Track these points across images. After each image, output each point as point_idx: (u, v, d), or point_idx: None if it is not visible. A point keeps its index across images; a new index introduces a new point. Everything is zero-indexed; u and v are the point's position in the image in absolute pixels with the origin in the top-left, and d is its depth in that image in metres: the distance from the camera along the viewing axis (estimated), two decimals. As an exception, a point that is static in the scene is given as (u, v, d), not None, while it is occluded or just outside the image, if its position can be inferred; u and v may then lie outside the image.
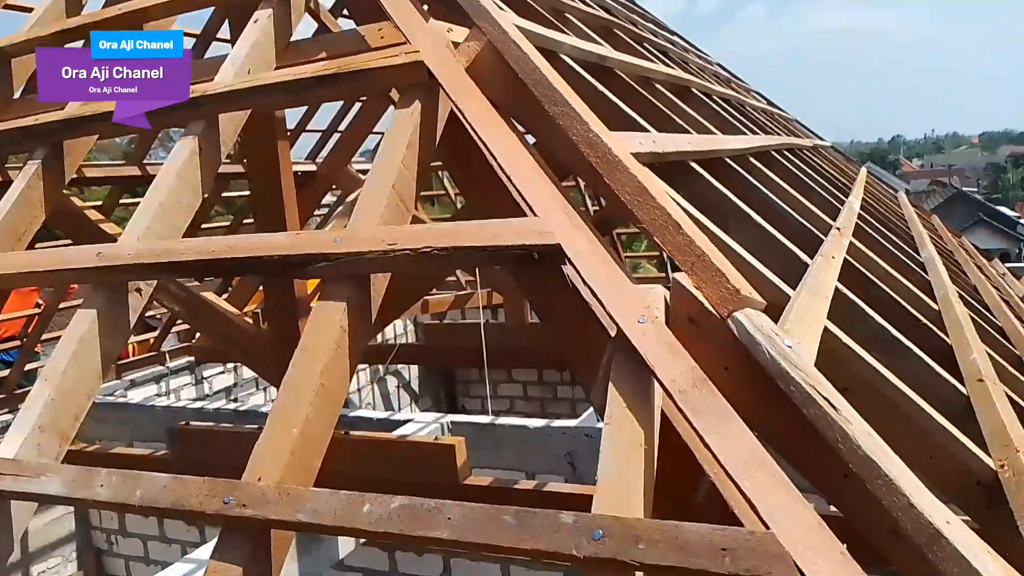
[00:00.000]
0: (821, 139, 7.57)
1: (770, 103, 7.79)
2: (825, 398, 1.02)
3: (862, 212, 3.70)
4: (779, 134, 4.78)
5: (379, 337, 8.87)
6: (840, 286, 1.96)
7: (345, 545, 4.77)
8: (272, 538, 1.20)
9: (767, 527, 0.90)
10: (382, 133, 3.82)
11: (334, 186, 7.12)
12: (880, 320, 1.97)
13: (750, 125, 4.06)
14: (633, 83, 2.71)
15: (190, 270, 1.51)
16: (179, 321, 7.67)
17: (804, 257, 1.97)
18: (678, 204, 1.57)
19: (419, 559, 5.73)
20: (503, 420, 5.38)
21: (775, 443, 1.14)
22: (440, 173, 8.24)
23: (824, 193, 3.50)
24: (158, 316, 8.26)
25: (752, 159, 2.98)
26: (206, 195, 1.80)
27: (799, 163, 3.93)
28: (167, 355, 7.55)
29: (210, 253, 1.48)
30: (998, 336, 3.28)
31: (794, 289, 1.60)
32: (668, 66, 3.77)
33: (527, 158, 1.40)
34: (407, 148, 1.51)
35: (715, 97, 4.04)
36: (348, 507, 1.08)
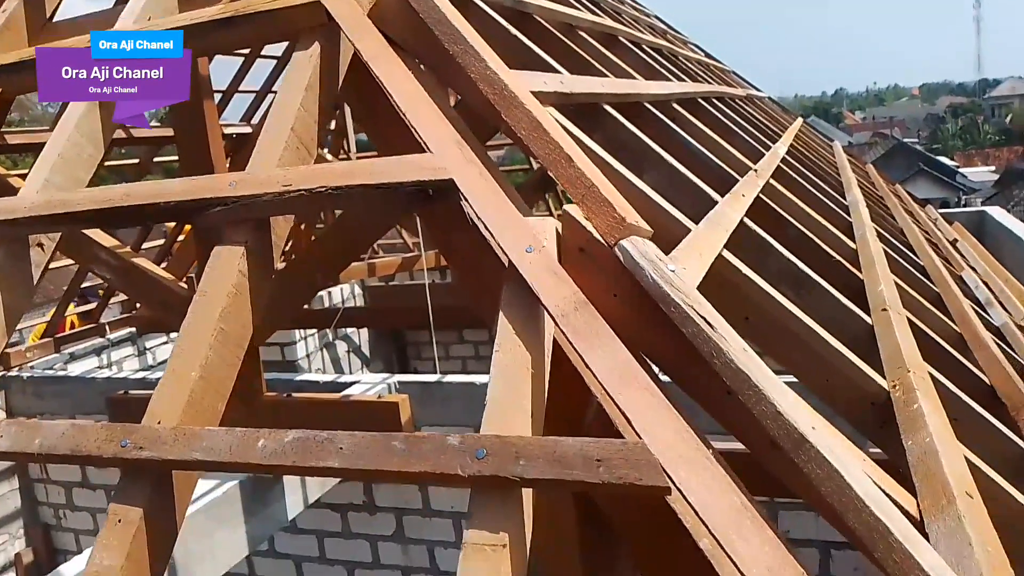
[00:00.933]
0: (758, 90, 7.65)
1: (708, 55, 7.84)
2: (702, 316, 1.05)
3: (787, 157, 3.77)
4: (710, 83, 4.82)
5: (326, 302, 8.82)
6: (750, 223, 2.00)
7: (294, 507, 4.79)
8: (174, 480, 1.20)
9: (640, 439, 0.93)
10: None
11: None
12: (790, 256, 2.02)
13: (678, 73, 4.08)
14: (554, 29, 2.70)
15: (88, 220, 1.49)
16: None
17: (715, 196, 2.00)
18: (586, 144, 1.59)
19: (372, 519, 5.79)
20: (450, 378, 5.42)
21: (663, 364, 1.18)
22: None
23: (749, 139, 3.55)
24: (98, 288, 8.10)
25: (676, 105, 3.00)
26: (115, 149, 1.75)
27: (727, 111, 3.97)
28: (107, 327, 7.42)
29: (107, 202, 1.45)
30: (918, 274, 3.39)
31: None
32: (596, 15, 3.75)
33: (422, 95, 1.40)
34: (307, 90, 1.50)
35: (644, 47, 4.05)
36: (243, 443, 1.09)
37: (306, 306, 8.52)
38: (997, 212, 8.87)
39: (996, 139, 47.22)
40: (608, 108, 2.11)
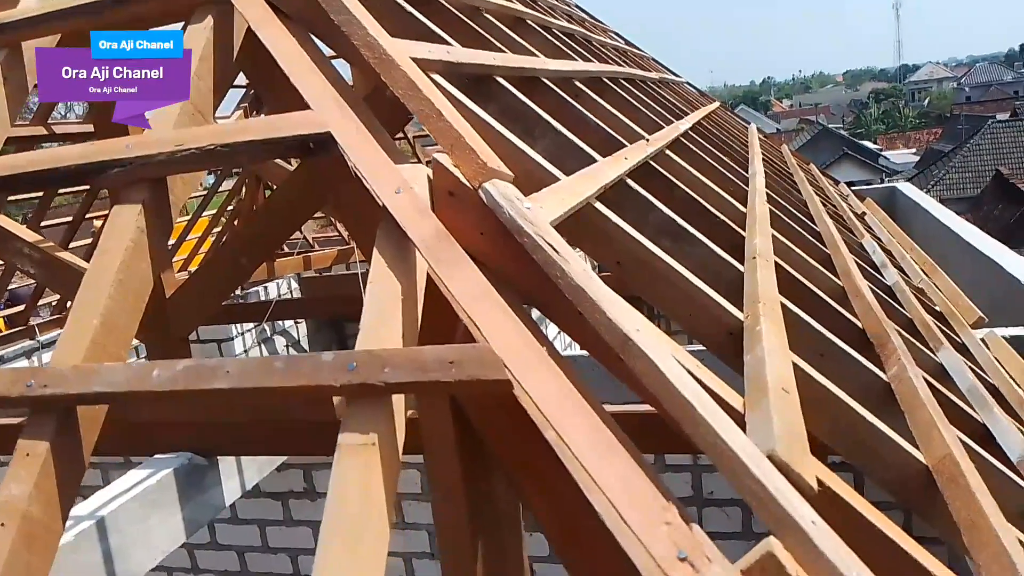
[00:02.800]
0: (677, 76, 7.89)
1: (629, 43, 8.05)
2: (549, 244, 1.19)
3: (691, 132, 3.97)
4: (622, 66, 5.00)
5: (263, 297, 8.80)
6: (632, 183, 2.17)
7: (231, 492, 4.83)
8: (79, 418, 1.29)
9: (487, 343, 1.07)
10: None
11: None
12: (670, 213, 2.19)
13: (586, 55, 4.25)
14: (456, 10, 2.82)
15: (-8, 187, 1.56)
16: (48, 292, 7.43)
17: (599, 159, 2.16)
18: (468, 107, 1.73)
19: (313, 505, 5.85)
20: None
21: (525, 294, 1.32)
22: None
23: (653, 116, 3.73)
24: (26, 286, 7.96)
25: (578, 83, 3.16)
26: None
27: (635, 91, 4.15)
28: (37, 328, 7.30)
29: (11, 168, 1.53)
30: (811, 238, 3.63)
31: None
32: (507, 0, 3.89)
33: (304, 57, 1.51)
34: (200, 60, 1.60)
35: (555, 30, 4.20)
36: (139, 374, 1.19)
37: (242, 300, 8.50)
38: (907, 188, 9.31)
39: (916, 122, 49.02)
40: (502, 80, 2.25)
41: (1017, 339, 4.57)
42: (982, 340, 4.18)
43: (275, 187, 7.06)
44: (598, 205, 1.72)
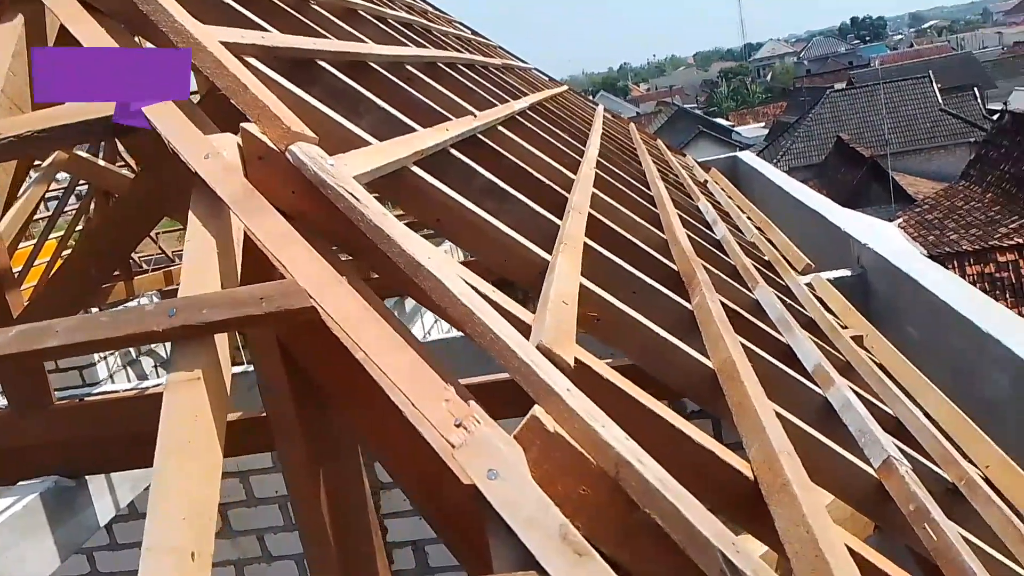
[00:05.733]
0: (524, 62, 8.18)
1: (475, 33, 8.28)
2: (350, 192, 1.35)
3: (529, 112, 4.21)
4: (462, 52, 5.20)
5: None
6: (456, 152, 2.36)
7: (104, 512, 4.73)
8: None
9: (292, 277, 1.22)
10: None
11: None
12: (493, 177, 2.39)
13: (421, 42, 4.41)
14: (281, 3, 2.92)
15: None
16: None
17: (422, 131, 2.33)
18: (283, 85, 1.86)
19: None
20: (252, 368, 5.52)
21: (338, 242, 1.47)
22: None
23: (489, 96, 3.94)
24: None
25: (410, 67, 3.32)
26: None
27: (473, 75, 4.35)
28: None
29: None
30: (643, 201, 3.93)
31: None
32: (338, -7, 4.00)
33: (106, 37, 1.61)
34: (14, 57, 1.66)
35: (391, 20, 4.35)
36: (-28, 344, 1.27)
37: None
38: (746, 156, 10.00)
39: (763, 97, 51.91)
40: (324, 64, 2.38)
41: (839, 279, 5.11)
42: (809, 283, 4.66)
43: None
44: (415, 168, 1.89)
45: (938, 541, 1.53)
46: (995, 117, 25.19)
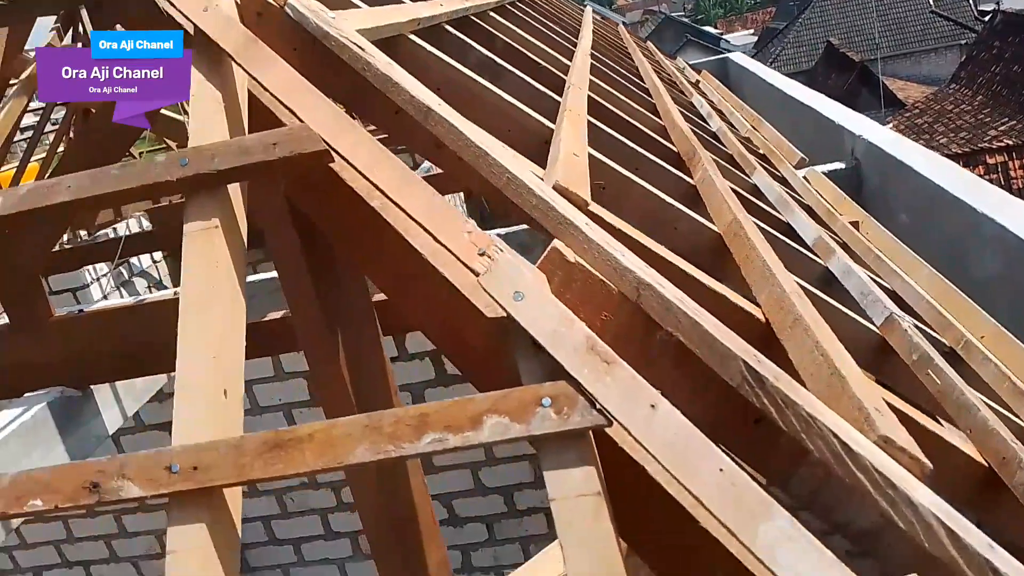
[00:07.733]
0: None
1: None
2: (354, 42, 1.32)
3: (518, 1, 4.10)
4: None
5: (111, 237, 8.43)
6: (451, 28, 2.31)
7: (112, 421, 4.80)
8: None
9: (302, 122, 1.20)
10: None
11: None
12: (490, 54, 2.34)
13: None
14: None
15: None
16: None
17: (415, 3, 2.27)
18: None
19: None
20: (256, 276, 5.52)
21: (339, 99, 1.45)
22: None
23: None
24: None
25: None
26: None
27: None
28: None
29: None
30: (640, 92, 3.88)
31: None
32: None
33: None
34: None
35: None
36: (-19, 204, 1.26)
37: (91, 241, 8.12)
38: (737, 56, 9.82)
39: (752, 3, 50.67)
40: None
41: (833, 172, 5.09)
42: (805, 177, 4.65)
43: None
44: (413, 37, 1.85)
45: (941, 383, 1.57)
46: (987, 18, 24.71)
